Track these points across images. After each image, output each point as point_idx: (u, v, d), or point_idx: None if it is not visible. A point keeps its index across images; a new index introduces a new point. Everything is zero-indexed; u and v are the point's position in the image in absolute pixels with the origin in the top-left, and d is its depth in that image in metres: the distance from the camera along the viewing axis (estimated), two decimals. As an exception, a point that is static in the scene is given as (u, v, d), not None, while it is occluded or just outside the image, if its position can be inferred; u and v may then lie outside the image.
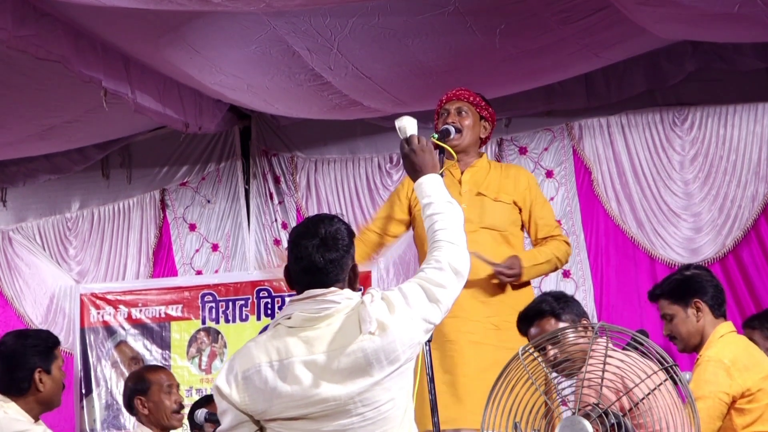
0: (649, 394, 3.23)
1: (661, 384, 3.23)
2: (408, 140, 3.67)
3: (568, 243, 4.98)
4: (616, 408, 3.26)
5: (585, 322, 4.16)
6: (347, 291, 3.26)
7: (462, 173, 4.89)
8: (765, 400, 4.27)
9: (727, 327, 4.42)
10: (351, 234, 3.31)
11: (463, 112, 4.88)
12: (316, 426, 3.16)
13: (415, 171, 3.62)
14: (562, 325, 4.10)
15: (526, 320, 4.25)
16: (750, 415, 4.25)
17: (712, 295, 4.44)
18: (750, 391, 4.24)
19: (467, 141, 4.88)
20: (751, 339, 4.76)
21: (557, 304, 4.21)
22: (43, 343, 4.37)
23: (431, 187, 3.56)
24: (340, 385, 3.14)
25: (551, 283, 7.06)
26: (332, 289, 3.23)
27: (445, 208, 3.49)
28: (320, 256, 3.20)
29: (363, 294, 3.28)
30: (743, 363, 4.28)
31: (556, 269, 5.03)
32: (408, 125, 3.72)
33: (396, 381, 3.19)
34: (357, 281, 3.34)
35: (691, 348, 4.47)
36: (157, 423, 5.39)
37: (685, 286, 4.46)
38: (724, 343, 4.34)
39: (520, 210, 4.89)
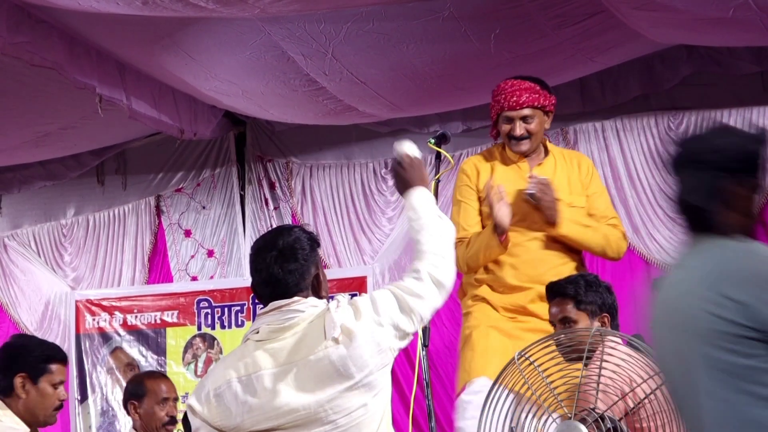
0: (645, 398, 3.23)
1: (657, 388, 3.23)
2: (399, 158, 3.63)
3: (624, 235, 4.91)
4: (611, 412, 3.26)
5: (605, 317, 4.17)
6: (311, 299, 3.25)
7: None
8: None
9: None
10: (313, 242, 3.30)
11: (529, 118, 4.79)
12: None
13: (403, 185, 3.56)
14: (580, 312, 4.15)
15: (551, 293, 4.29)
16: None
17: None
18: None
19: (535, 144, 4.86)
20: None
21: (583, 290, 4.20)
22: (39, 351, 4.33)
23: (419, 201, 3.49)
24: (309, 393, 3.14)
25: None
26: (295, 298, 3.23)
27: (432, 221, 3.43)
28: (279, 268, 3.22)
29: (329, 301, 3.27)
30: None
31: (603, 252, 4.87)
32: (406, 148, 3.66)
33: (367, 387, 3.17)
34: (322, 289, 3.32)
35: None
36: (147, 430, 5.39)
37: None
38: None
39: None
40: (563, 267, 4.72)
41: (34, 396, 4.24)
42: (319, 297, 3.29)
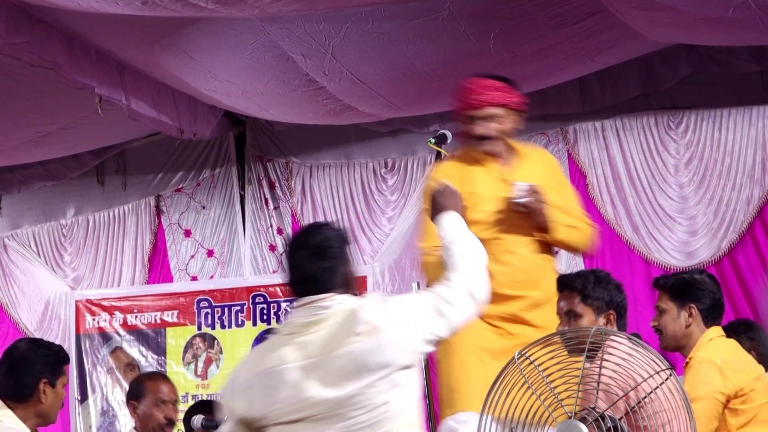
0: (645, 397, 3.23)
1: (657, 387, 3.23)
2: (439, 186, 3.78)
3: (594, 228, 4.71)
4: (612, 412, 3.26)
5: (611, 314, 4.18)
6: (342, 296, 3.31)
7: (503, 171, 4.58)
8: (758, 400, 4.31)
9: (716, 331, 4.47)
10: (343, 240, 3.38)
11: (491, 118, 4.49)
12: (313, 429, 3.21)
13: (437, 210, 3.68)
14: (586, 307, 4.16)
15: (560, 285, 4.29)
16: (744, 416, 4.28)
17: (709, 306, 4.47)
18: (743, 391, 4.28)
19: (500, 144, 4.54)
20: None
21: (591, 285, 4.21)
22: (55, 356, 4.34)
23: (450, 222, 3.62)
24: (332, 388, 3.19)
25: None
26: (326, 295, 3.30)
27: (463, 239, 3.55)
28: (311, 266, 3.31)
29: (362, 298, 3.34)
30: (735, 364, 4.33)
31: (580, 249, 4.76)
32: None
33: (389, 384, 3.21)
34: (354, 285, 3.39)
35: (672, 348, 4.51)
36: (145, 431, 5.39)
37: (687, 288, 4.49)
38: (714, 345, 4.39)
39: None
40: (549, 267, 4.59)
41: (52, 399, 4.28)
42: (351, 294, 3.36)
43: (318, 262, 3.31)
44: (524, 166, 4.60)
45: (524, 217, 4.47)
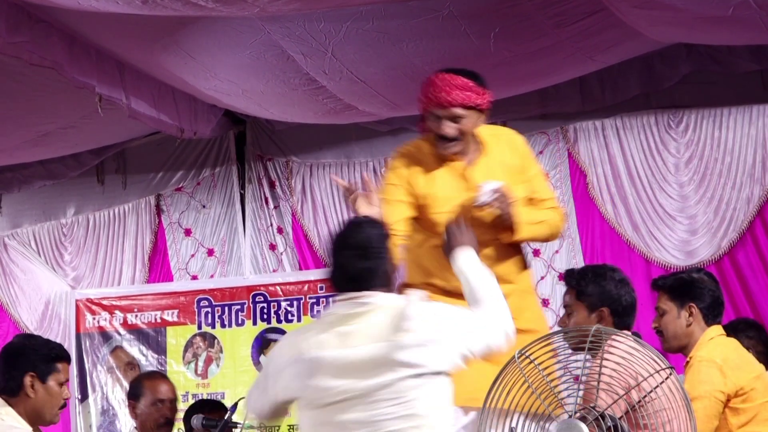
0: (645, 396, 3.23)
1: (657, 386, 3.23)
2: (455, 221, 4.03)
3: (563, 215, 4.52)
4: (612, 410, 3.26)
5: (603, 310, 4.20)
6: (384, 294, 3.50)
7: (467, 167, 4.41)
8: (758, 399, 4.31)
9: (716, 330, 4.47)
10: (384, 238, 3.57)
11: (459, 118, 4.30)
12: (343, 415, 3.39)
13: (451, 245, 3.93)
14: (578, 303, 4.27)
15: (565, 281, 4.42)
16: (744, 415, 4.29)
17: (709, 304, 4.48)
18: (743, 390, 4.29)
19: (466, 143, 4.36)
20: None
21: (584, 281, 4.25)
22: (46, 350, 4.31)
23: (468, 261, 3.85)
24: (364, 378, 3.37)
25: (547, 286, 7.07)
26: (370, 292, 3.47)
27: (483, 277, 3.76)
28: (356, 265, 3.49)
29: (403, 295, 3.60)
30: (735, 362, 4.34)
31: (547, 240, 4.62)
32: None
33: (418, 383, 3.37)
34: (394, 282, 3.60)
35: (675, 349, 4.52)
36: (144, 431, 5.40)
37: (686, 287, 4.50)
38: (714, 344, 4.39)
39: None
40: (515, 261, 4.41)
41: (42, 395, 4.24)
42: (391, 291, 3.56)
43: (361, 262, 3.48)
44: (489, 161, 4.41)
45: (486, 218, 4.31)
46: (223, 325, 7.74)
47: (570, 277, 4.38)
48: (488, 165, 4.38)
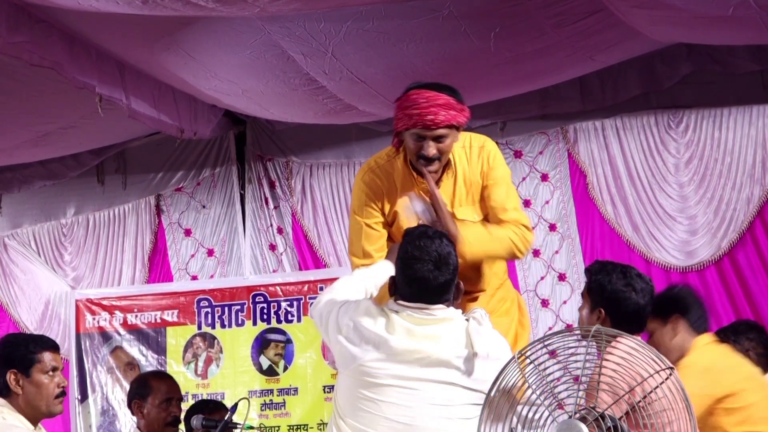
0: (645, 396, 3.23)
1: (657, 387, 3.23)
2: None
3: (528, 229, 4.32)
4: (612, 411, 3.26)
5: (599, 310, 4.21)
6: (453, 310, 3.69)
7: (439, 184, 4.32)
8: (750, 399, 4.35)
9: (705, 338, 4.50)
10: (455, 254, 3.71)
11: (442, 138, 4.16)
12: (386, 399, 3.60)
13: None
14: (586, 301, 4.29)
15: (585, 271, 4.50)
16: (738, 415, 4.32)
17: (693, 314, 4.51)
18: (733, 391, 4.30)
19: (445, 162, 4.27)
20: None
21: (595, 276, 4.27)
22: (23, 345, 4.31)
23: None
24: (417, 368, 3.59)
25: (547, 286, 7.07)
26: (439, 306, 3.66)
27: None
28: (433, 280, 3.63)
29: (467, 313, 3.74)
30: (721, 365, 4.38)
31: (511, 257, 4.41)
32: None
33: (470, 398, 3.60)
34: (460, 295, 3.75)
35: (673, 363, 4.53)
36: (150, 430, 5.39)
37: (668, 302, 4.53)
38: (702, 350, 4.43)
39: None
40: (484, 266, 4.37)
41: (29, 389, 4.23)
42: (456, 306, 3.72)
43: (440, 276, 3.62)
44: (453, 180, 4.32)
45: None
46: (223, 326, 7.74)
47: (587, 269, 4.42)
48: (452, 184, 4.32)
